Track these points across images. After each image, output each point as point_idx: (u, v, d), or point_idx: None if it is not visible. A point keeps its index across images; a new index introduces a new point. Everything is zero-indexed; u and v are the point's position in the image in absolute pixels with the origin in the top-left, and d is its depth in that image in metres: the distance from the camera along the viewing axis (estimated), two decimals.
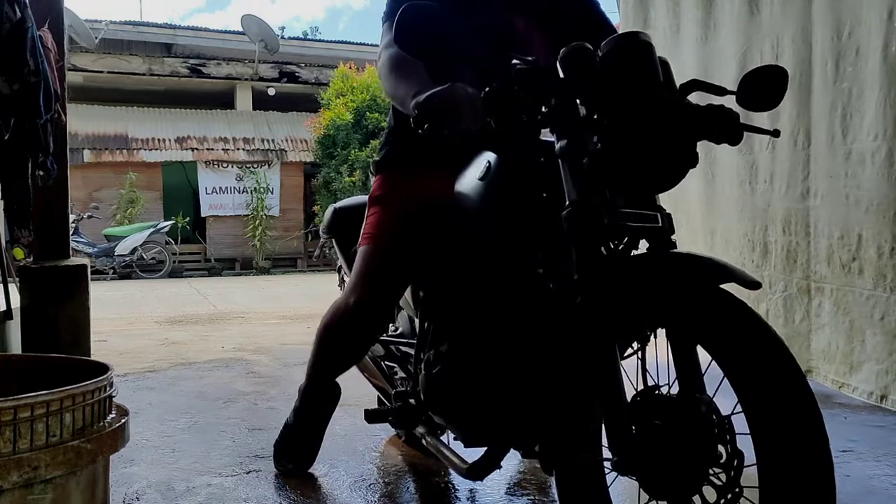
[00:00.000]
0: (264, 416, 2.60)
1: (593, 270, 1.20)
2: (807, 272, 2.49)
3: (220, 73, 13.87)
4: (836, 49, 2.28)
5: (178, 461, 2.10)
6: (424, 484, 1.97)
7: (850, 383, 2.29)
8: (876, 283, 2.15)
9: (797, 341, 2.56)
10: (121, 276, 11.41)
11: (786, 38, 2.53)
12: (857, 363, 2.27)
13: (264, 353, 3.86)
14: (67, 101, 2.81)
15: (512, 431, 1.52)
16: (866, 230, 2.18)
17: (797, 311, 2.55)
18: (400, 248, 1.74)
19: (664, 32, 3.27)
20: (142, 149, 12.85)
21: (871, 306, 2.18)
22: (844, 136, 2.26)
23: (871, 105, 2.14)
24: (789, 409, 1.05)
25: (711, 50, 2.94)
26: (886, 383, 2.12)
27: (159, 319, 5.62)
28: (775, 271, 2.64)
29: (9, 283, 2.69)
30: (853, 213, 2.23)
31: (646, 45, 1.22)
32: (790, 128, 2.52)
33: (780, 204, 2.59)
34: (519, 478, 1.95)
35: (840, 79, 2.28)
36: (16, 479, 1.08)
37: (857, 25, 2.19)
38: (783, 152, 2.56)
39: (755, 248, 2.72)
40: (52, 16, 2.72)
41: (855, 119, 2.22)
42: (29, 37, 2.23)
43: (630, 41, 1.22)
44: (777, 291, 2.63)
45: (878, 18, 2.09)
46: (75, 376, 1.27)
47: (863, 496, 1.82)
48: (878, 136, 2.10)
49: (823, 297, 2.41)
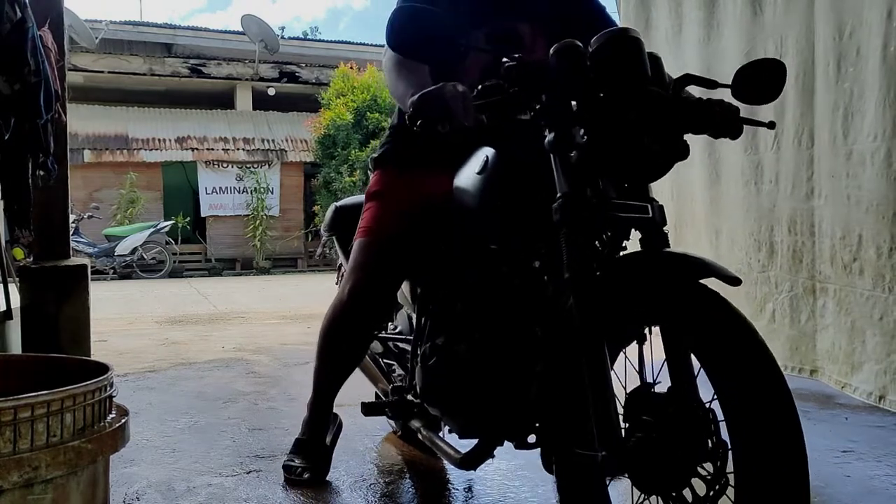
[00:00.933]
0: (264, 416, 2.60)
1: (582, 270, 1.23)
2: (812, 272, 2.49)
3: (220, 73, 13.88)
4: (837, 49, 2.28)
5: (178, 461, 2.10)
6: (425, 483, 1.97)
7: (851, 383, 2.29)
8: (875, 284, 2.15)
9: (804, 341, 2.56)
10: (121, 276, 11.42)
11: (789, 39, 2.52)
12: (857, 363, 2.27)
13: (264, 353, 3.86)
14: (68, 101, 2.81)
15: (504, 423, 1.54)
16: (866, 230, 2.18)
17: (803, 311, 2.55)
18: (395, 241, 1.78)
19: (666, 33, 3.27)
20: (142, 149, 12.85)
21: (870, 306, 2.18)
22: (846, 136, 2.26)
23: (871, 105, 2.14)
24: (762, 398, 1.06)
25: (714, 50, 2.94)
26: (885, 383, 2.12)
27: (159, 319, 5.62)
28: (781, 271, 2.64)
29: (9, 283, 2.69)
30: (854, 214, 2.23)
31: (635, 41, 1.23)
32: (794, 128, 2.52)
33: (785, 204, 2.59)
34: (519, 474, 1.95)
35: (842, 79, 2.28)
36: (16, 479, 1.08)
37: (858, 25, 2.19)
38: (788, 152, 2.56)
39: (761, 247, 2.72)
40: (53, 16, 2.72)
41: (856, 119, 2.22)
42: (29, 37, 2.23)
43: (620, 37, 1.24)
44: (783, 291, 2.63)
45: (879, 18, 2.08)
46: (75, 376, 1.27)
47: (863, 496, 1.82)
48: (878, 137, 2.10)
49: (827, 297, 2.41)
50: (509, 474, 1.98)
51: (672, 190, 3.27)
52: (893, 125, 2.05)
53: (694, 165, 3.09)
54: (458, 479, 1.94)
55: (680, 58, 3.17)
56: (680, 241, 3.25)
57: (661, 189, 3.36)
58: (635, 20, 3.48)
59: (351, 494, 1.84)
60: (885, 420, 2.40)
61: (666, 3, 3.26)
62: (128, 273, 11.49)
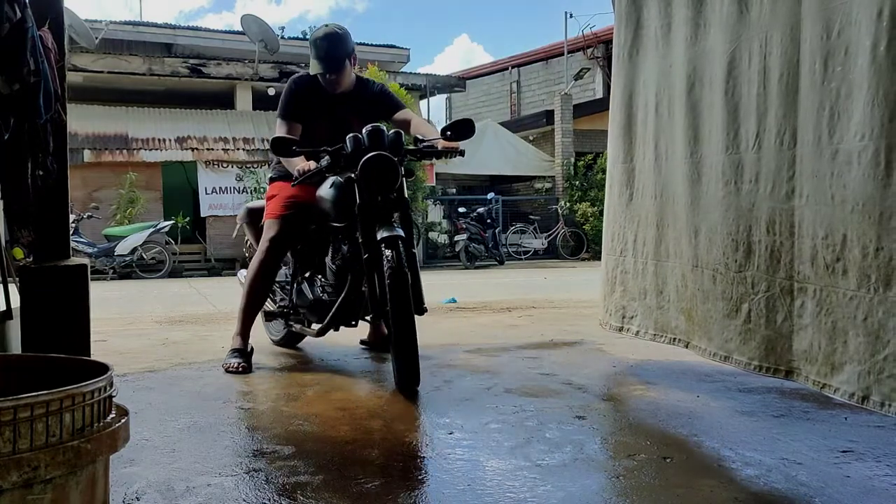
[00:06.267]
0: (264, 416, 2.60)
1: (369, 236, 3.00)
2: (790, 272, 2.46)
3: (220, 73, 13.88)
4: (825, 48, 2.25)
5: (178, 461, 2.10)
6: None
7: (831, 384, 2.26)
8: (860, 284, 2.12)
9: (780, 342, 2.52)
10: (121, 276, 11.42)
11: (775, 38, 2.50)
12: (838, 364, 2.24)
13: (264, 352, 3.86)
14: (67, 100, 2.81)
15: (337, 315, 3.34)
16: (851, 230, 2.15)
17: (780, 311, 2.51)
18: (286, 218, 3.46)
19: (655, 33, 3.25)
20: (142, 149, 12.85)
21: (854, 307, 2.15)
22: (831, 135, 2.23)
23: (858, 105, 2.11)
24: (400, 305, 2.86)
25: (701, 50, 2.92)
26: (868, 384, 2.10)
27: (159, 319, 5.62)
28: (758, 271, 2.60)
29: (9, 283, 2.69)
30: (838, 214, 2.20)
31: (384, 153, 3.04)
32: (777, 127, 2.49)
33: (764, 204, 2.56)
34: (519, 474, 1.95)
35: (828, 78, 2.25)
36: (15, 479, 1.08)
37: (847, 24, 2.17)
38: (769, 152, 2.53)
39: (739, 247, 2.69)
40: (53, 16, 2.72)
41: (842, 119, 2.19)
42: (29, 37, 2.23)
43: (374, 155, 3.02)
44: (760, 292, 2.60)
45: (869, 17, 2.06)
46: (75, 376, 1.27)
47: (863, 496, 1.82)
48: (865, 136, 2.08)
49: (806, 297, 2.38)
50: (509, 474, 1.98)
51: (655, 189, 3.26)
52: (882, 124, 2.02)
53: (677, 165, 3.08)
54: (458, 477, 1.94)
55: (667, 58, 3.16)
56: (661, 241, 3.24)
57: (645, 189, 3.36)
58: (627, 20, 3.46)
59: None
60: (885, 420, 2.40)
61: (656, 3, 3.24)
62: (127, 273, 11.50)
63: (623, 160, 3.54)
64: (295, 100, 3.53)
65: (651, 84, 3.31)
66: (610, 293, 3.63)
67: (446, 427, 2.44)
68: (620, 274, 3.54)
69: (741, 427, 2.44)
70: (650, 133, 3.31)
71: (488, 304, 6.22)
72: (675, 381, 3.11)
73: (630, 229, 3.48)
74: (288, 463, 2.08)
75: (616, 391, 2.99)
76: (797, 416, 2.58)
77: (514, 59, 22.34)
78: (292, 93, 3.55)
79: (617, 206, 3.60)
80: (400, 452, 2.20)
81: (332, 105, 3.51)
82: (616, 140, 3.60)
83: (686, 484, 1.92)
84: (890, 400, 2.01)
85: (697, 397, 2.83)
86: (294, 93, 3.55)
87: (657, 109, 3.26)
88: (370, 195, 3.02)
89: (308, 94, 3.53)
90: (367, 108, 3.54)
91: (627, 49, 3.49)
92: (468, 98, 22.62)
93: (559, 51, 19.72)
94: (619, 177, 3.57)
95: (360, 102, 3.55)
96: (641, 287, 3.39)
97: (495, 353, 3.81)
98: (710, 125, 2.86)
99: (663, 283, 3.25)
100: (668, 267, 3.20)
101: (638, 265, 3.42)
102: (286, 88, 3.61)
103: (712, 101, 2.84)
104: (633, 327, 3.46)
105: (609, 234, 3.67)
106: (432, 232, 15.09)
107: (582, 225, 15.64)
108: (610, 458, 2.16)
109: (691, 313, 3.03)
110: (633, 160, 3.47)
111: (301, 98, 3.53)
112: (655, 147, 3.27)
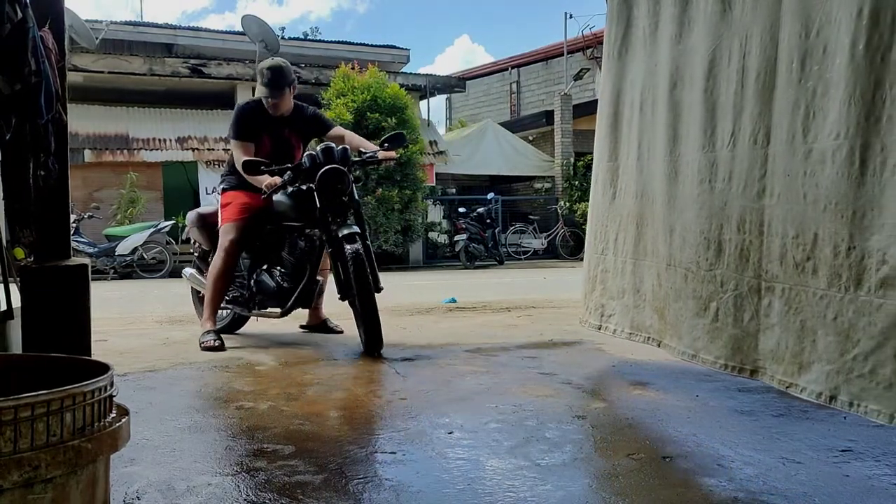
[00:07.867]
0: (264, 416, 2.61)
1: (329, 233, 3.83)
2: (758, 271, 2.44)
3: (220, 73, 13.87)
4: (803, 47, 2.24)
5: (178, 460, 2.11)
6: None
7: (798, 384, 2.24)
8: (830, 283, 2.10)
9: (746, 341, 2.51)
10: (121, 276, 11.42)
11: (755, 37, 2.49)
12: (806, 363, 2.22)
13: (264, 352, 3.86)
14: (68, 101, 2.81)
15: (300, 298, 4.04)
16: (823, 229, 2.13)
17: (746, 310, 2.50)
18: (241, 221, 4.13)
19: (643, 31, 3.25)
20: (142, 149, 12.85)
21: (824, 306, 2.13)
22: (805, 134, 2.22)
23: (835, 103, 2.10)
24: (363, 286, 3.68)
25: (684, 49, 2.91)
26: (837, 384, 2.08)
27: (160, 319, 5.62)
28: (728, 270, 2.59)
29: (9, 283, 2.69)
30: (810, 213, 2.18)
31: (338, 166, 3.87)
32: (751, 126, 2.48)
33: (736, 202, 2.55)
34: (518, 474, 1.95)
35: (805, 77, 2.24)
36: (16, 479, 1.09)
37: (826, 23, 2.16)
38: (743, 151, 2.52)
39: (710, 246, 2.68)
40: (53, 16, 2.72)
41: (818, 118, 2.18)
42: (30, 37, 2.23)
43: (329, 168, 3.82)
44: (728, 290, 2.59)
45: (849, 16, 2.05)
46: (75, 376, 1.28)
47: (863, 496, 1.82)
48: (841, 135, 2.06)
49: (774, 296, 2.36)
50: (508, 474, 1.98)
51: (637, 188, 3.26)
52: (858, 123, 2.01)
53: (657, 164, 3.07)
54: (458, 477, 1.95)
55: (654, 56, 3.15)
56: (640, 239, 3.24)
57: (627, 188, 3.36)
58: (618, 18, 3.47)
59: (350, 493, 1.85)
60: None
61: (645, 1, 3.24)
62: (128, 273, 11.50)
63: (608, 159, 3.54)
64: (244, 122, 4.21)
65: (637, 83, 3.30)
66: (591, 291, 3.64)
67: (446, 426, 2.44)
68: (601, 273, 3.55)
69: (740, 426, 2.45)
70: (635, 132, 3.31)
71: (488, 304, 6.22)
72: (675, 380, 3.12)
73: (612, 228, 3.49)
74: (288, 462, 2.08)
75: (615, 391, 2.99)
76: (796, 415, 2.58)
77: (513, 59, 22.35)
78: (241, 116, 4.22)
79: (601, 204, 3.60)
80: (400, 452, 2.20)
81: (274, 126, 4.23)
82: (603, 139, 3.60)
83: (685, 483, 1.92)
84: (859, 400, 2.00)
85: (697, 397, 2.84)
86: (243, 116, 4.22)
87: (642, 108, 3.26)
88: (328, 200, 3.79)
89: (254, 116, 4.21)
90: (304, 127, 4.34)
91: (617, 48, 3.49)
92: (468, 98, 22.63)
93: (559, 51, 19.73)
94: (604, 175, 3.57)
95: (298, 123, 4.31)
96: (620, 286, 3.40)
97: (495, 353, 3.81)
98: (689, 124, 2.86)
99: (640, 281, 3.25)
100: (646, 266, 3.20)
101: (618, 264, 3.43)
102: (235, 113, 4.31)
103: (692, 99, 2.84)
104: (610, 325, 3.47)
105: (592, 233, 3.68)
106: (432, 232, 15.09)
107: (581, 225, 15.63)
108: (609, 457, 2.16)
109: (664, 312, 3.03)
110: (617, 159, 3.47)
111: (249, 120, 4.21)
112: (639, 146, 3.27)
